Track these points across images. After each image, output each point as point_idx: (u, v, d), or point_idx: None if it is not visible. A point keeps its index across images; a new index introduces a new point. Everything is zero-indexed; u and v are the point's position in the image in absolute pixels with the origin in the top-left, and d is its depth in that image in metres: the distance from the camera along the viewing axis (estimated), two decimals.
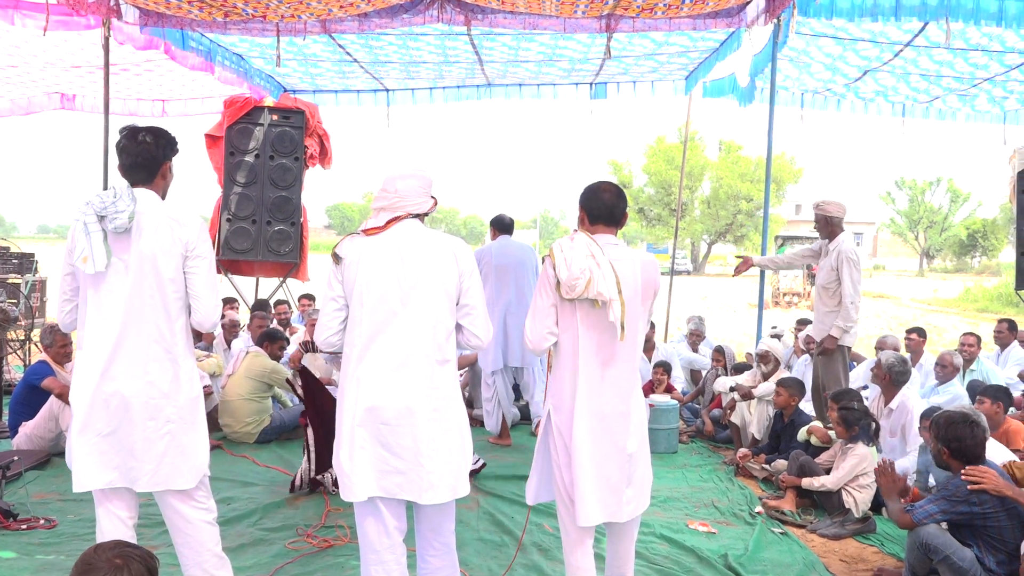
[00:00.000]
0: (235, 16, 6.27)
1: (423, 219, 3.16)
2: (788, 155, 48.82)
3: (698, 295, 28.62)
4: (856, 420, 5.02)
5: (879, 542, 4.66)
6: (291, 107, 8.14)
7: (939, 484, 4.49)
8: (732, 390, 6.77)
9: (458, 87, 10.01)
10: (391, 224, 3.07)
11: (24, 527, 4.43)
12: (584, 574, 3.20)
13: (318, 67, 8.94)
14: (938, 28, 6.68)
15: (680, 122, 50.46)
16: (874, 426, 5.13)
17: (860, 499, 4.89)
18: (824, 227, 6.17)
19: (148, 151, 3.11)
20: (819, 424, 5.67)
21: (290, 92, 9.65)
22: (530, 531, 4.45)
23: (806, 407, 6.27)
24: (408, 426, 2.96)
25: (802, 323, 8.56)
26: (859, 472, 4.92)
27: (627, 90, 9.91)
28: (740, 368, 7.38)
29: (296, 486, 5.25)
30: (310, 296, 9.89)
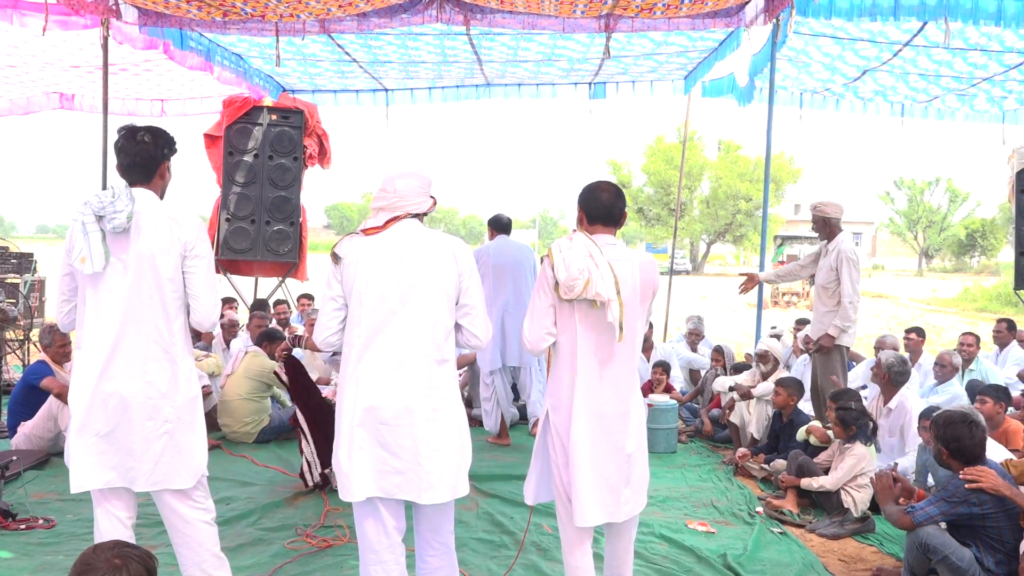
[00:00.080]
0: (234, 16, 6.26)
1: (422, 219, 3.16)
2: (787, 155, 48.86)
3: (697, 295, 28.63)
4: (854, 420, 5.03)
5: (878, 542, 4.66)
6: (290, 107, 8.14)
7: (938, 484, 4.50)
8: (731, 390, 6.77)
9: (457, 87, 10.01)
10: (390, 224, 3.07)
11: (23, 527, 4.43)
12: (583, 574, 3.20)
13: (317, 67, 8.94)
14: (937, 28, 6.68)
15: (679, 122, 50.50)
16: (872, 426, 5.14)
17: (859, 499, 4.89)
18: (822, 228, 6.18)
19: (146, 151, 3.11)
20: (818, 424, 5.67)
21: (289, 92, 9.65)
22: (529, 531, 4.45)
23: (805, 407, 6.27)
24: (407, 426, 2.96)
25: (801, 323, 8.57)
26: (858, 472, 4.92)
27: (626, 90, 9.90)
28: (739, 368, 7.39)
29: (309, 486, 5.26)
30: (309, 296, 9.90)
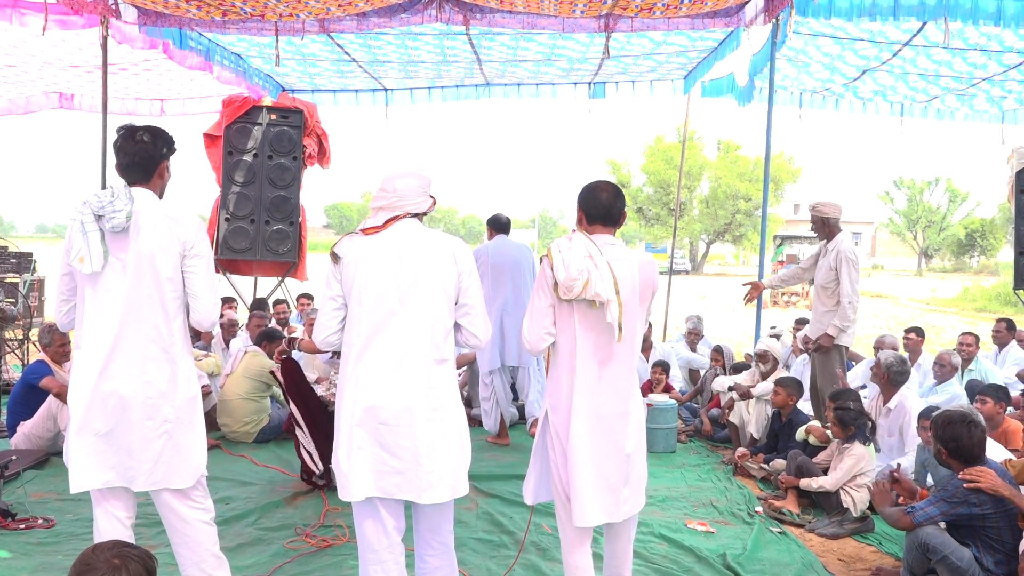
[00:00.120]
0: (233, 15, 6.26)
1: (422, 218, 3.16)
2: (787, 154, 48.86)
3: (696, 294, 28.63)
4: (852, 420, 5.02)
5: (877, 541, 4.66)
6: (289, 106, 8.14)
7: (937, 484, 4.50)
8: (731, 389, 6.77)
9: (457, 87, 10.00)
10: (390, 223, 3.07)
11: (22, 527, 4.43)
12: (583, 574, 3.20)
13: (316, 67, 8.93)
14: (936, 28, 6.67)
15: (679, 121, 50.51)
16: (870, 425, 5.14)
17: (858, 498, 4.89)
18: (821, 228, 6.18)
19: (145, 150, 3.11)
20: (817, 424, 5.67)
21: (288, 91, 9.64)
22: (528, 531, 4.45)
23: (804, 407, 6.27)
24: (407, 426, 2.96)
25: (800, 323, 8.57)
26: (857, 472, 4.92)
27: (626, 90, 9.89)
28: (739, 368, 7.39)
29: (317, 472, 5.26)
30: (308, 295, 9.90)
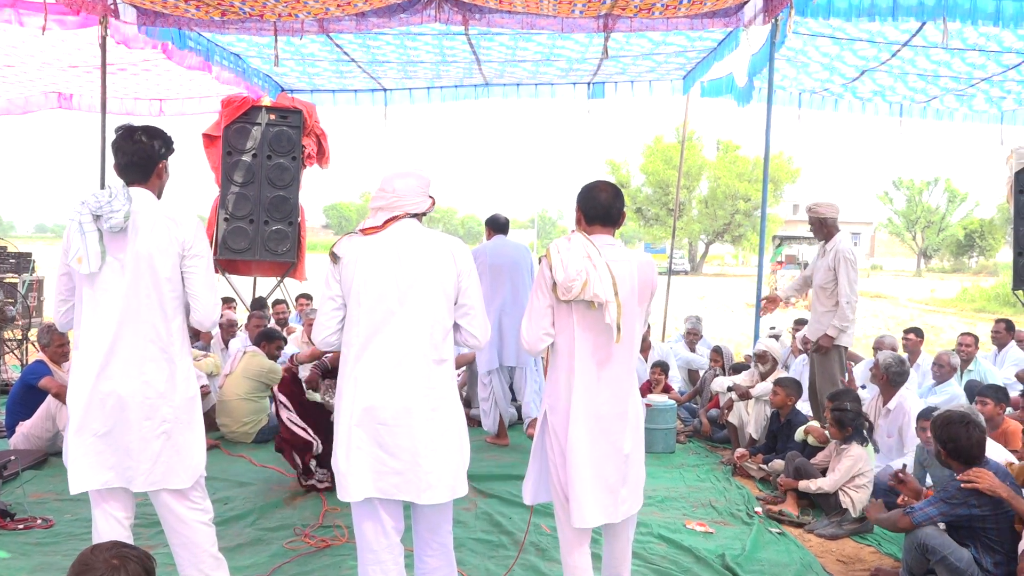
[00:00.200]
0: (232, 15, 6.25)
1: (421, 219, 3.16)
2: (786, 155, 48.87)
3: (696, 295, 28.63)
4: (850, 421, 5.02)
5: (876, 542, 4.66)
6: (289, 107, 8.14)
7: (936, 485, 4.50)
8: (730, 390, 6.77)
9: (456, 87, 9.98)
10: (389, 224, 3.06)
11: (21, 527, 4.43)
12: (581, 574, 3.20)
13: (316, 67, 8.92)
14: (935, 28, 6.67)
15: (678, 122, 50.49)
16: (868, 426, 5.13)
17: (857, 499, 4.89)
18: (819, 229, 6.18)
19: (144, 150, 3.11)
20: (816, 424, 5.67)
21: (288, 92, 9.63)
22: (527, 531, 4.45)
23: (803, 407, 6.27)
24: (406, 426, 2.96)
25: (800, 323, 8.57)
26: (855, 473, 4.92)
27: (625, 90, 9.88)
28: (738, 368, 7.39)
29: (312, 483, 5.27)
30: (307, 295, 9.90)
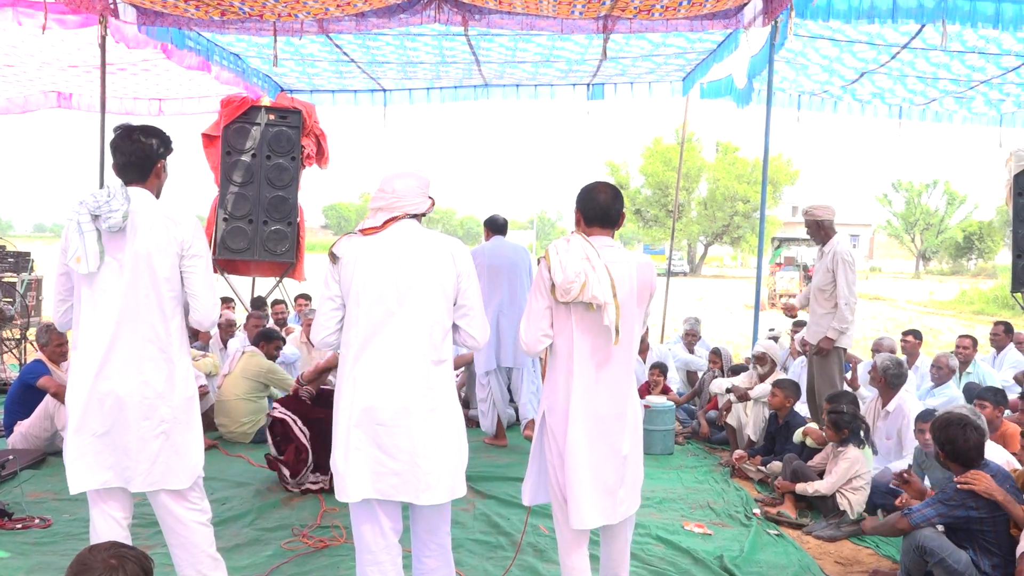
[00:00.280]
0: (232, 15, 6.25)
1: (420, 219, 3.16)
2: (785, 157, 48.86)
3: (694, 296, 28.63)
4: (846, 423, 5.01)
5: (874, 544, 4.66)
6: (288, 107, 8.12)
7: (934, 487, 4.50)
8: (728, 391, 6.77)
9: (455, 87, 9.99)
10: (389, 224, 3.06)
11: (19, 526, 4.42)
12: (579, 575, 3.20)
13: (315, 67, 8.92)
14: (935, 30, 6.67)
15: (677, 123, 50.46)
16: (864, 428, 5.11)
17: (855, 500, 4.89)
18: (816, 231, 6.20)
19: (142, 150, 3.11)
20: (814, 426, 5.67)
21: (287, 92, 9.63)
22: (525, 532, 4.44)
23: (801, 409, 6.27)
24: (404, 427, 2.95)
25: (799, 325, 8.56)
26: (852, 475, 4.92)
27: (624, 91, 9.88)
28: (737, 370, 7.39)
29: (301, 482, 5.26)
30: (306, 296, 9.90)
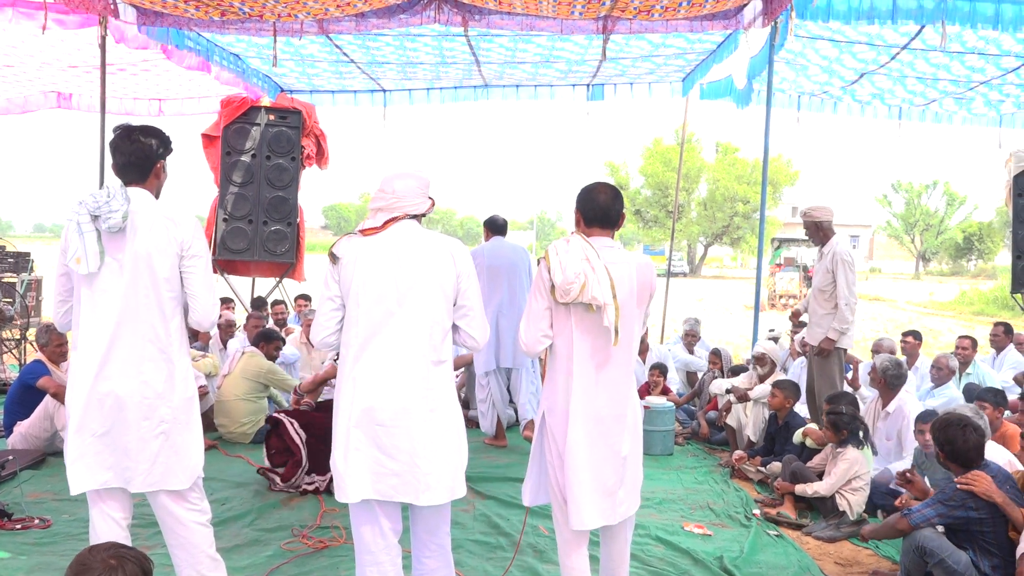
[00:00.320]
0: (232, 15, 6.24)
1: (420, 220, 3.16)
2: (785, 157, 48.88)
3: (694, 297, 28.63)
4: (845, 424, 5.00)
5: (874, 544, 4.65)
6: (288, 107, 8.12)
7: (934, 487, 4.50)
8: (728, 392, 6.77)
9: (455, 88, 9.99)
10: (388, 224, 3.06)
11: (19, 527, 4.42)
12: None
13: (315, 67, 8.92)
14: (934, 31, 6.68)
15: (677, 124, 50.45)
16: (863, 428, 5.10)
17: (854, 501, 4.89)
18: (815, 233, 6.20)
19: (141, 150, 3.11)
20: (814, 427, 5.67)
21: (287, 92, 9.63)
22: (525, 532, 4.44)
23: (801, 409, 6.27)
24: (404, 427, 2.95)
25: (799, 325, 8.55)
26: (851, 476, 4.91)
27: (624, 92, 9.88)
28: (737, 370, 7.39)
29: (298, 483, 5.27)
30: (306, 296, 9.90)
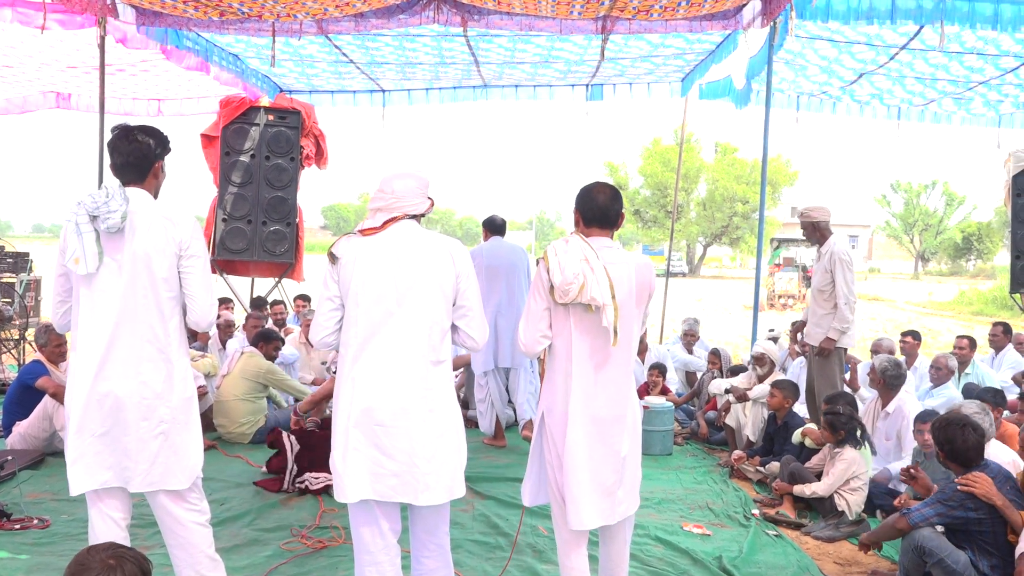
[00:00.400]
0: (231, 15, 6.24)
1: (420, 220, 3.16)
2: (784, 157, 48.86)
3: (693, 297, 28.64)
4: (842, 424, 5.00)
5: None
6: (287, 107, 8.12)
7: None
8: (727, 392, 6.77)
9: (454, 88, 9.99)
10: (388, 225, 3.06)
11: (18, 527, 4.42)
12: None
13: (314, 67, 8.92)
14: (933, 31, 6.68)
15: (676, 124, 50.39)
16: (861, 428, 5.10)
17: (853, 501, 4.89)
18: (812, 233, 6.20)
19: (140, 150, 3.11)
20: (813, 427, 5.67)
21: (286, 92, 9.63)
22: (524, 533, 4.45)
23: (800, 409, 6.28)
24: (403, 427, 2.95)
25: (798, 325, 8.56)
26: (850, 476, 4.91)
27: (623, 92, 9.89)
28: (736, 370, 7.39)
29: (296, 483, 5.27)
30: (305, 296, 9.90)
